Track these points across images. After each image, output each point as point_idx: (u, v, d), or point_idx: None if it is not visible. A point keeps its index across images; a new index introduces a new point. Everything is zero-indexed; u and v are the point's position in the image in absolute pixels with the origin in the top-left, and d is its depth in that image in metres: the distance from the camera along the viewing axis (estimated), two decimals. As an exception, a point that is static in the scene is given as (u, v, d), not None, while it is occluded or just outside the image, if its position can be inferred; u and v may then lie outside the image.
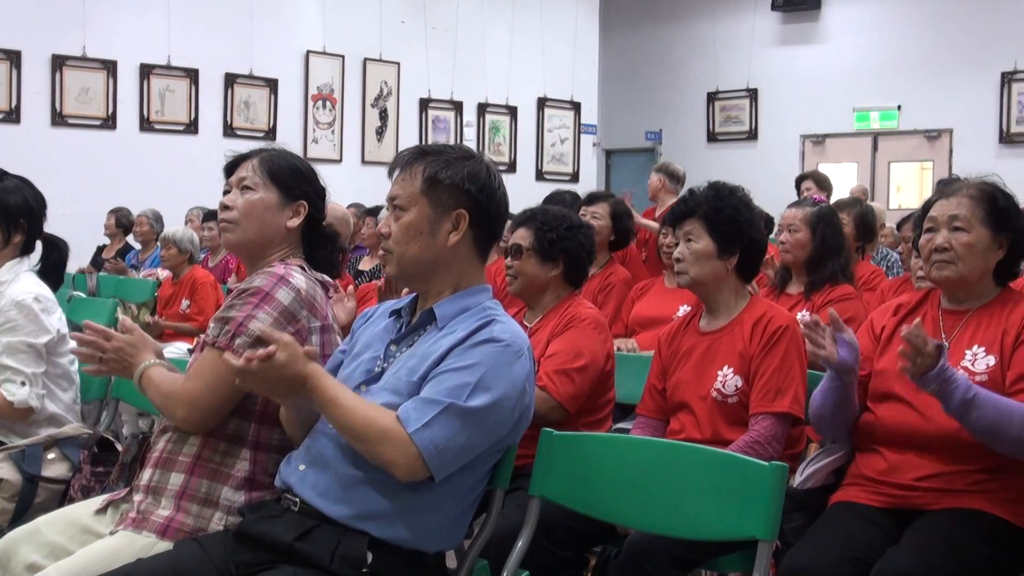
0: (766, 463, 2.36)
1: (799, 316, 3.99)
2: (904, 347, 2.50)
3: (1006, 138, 13.10)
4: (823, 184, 8.45)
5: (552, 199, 6.45)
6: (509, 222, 3.41)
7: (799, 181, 8.78)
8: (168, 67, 11.00)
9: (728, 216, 3.23)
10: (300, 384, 2.23)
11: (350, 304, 3.72)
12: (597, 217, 5.24)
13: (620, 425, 3.61)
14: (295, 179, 2.67)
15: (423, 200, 2.36)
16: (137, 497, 2.52)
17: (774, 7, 14.74)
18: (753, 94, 15.10)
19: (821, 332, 2.74)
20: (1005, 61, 12.96)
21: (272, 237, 2.65)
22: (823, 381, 2.86)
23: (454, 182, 2.36)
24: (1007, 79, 13.02)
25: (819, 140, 14.73)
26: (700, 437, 3.08)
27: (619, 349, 4.38)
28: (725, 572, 3.24)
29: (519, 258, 3.56)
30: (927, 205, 2.93)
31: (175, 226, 7.53)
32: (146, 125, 10.96)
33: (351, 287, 4.04)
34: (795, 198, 5.78)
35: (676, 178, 7.83)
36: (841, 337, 2.74)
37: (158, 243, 7.73)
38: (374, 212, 7.19)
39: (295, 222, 2.65)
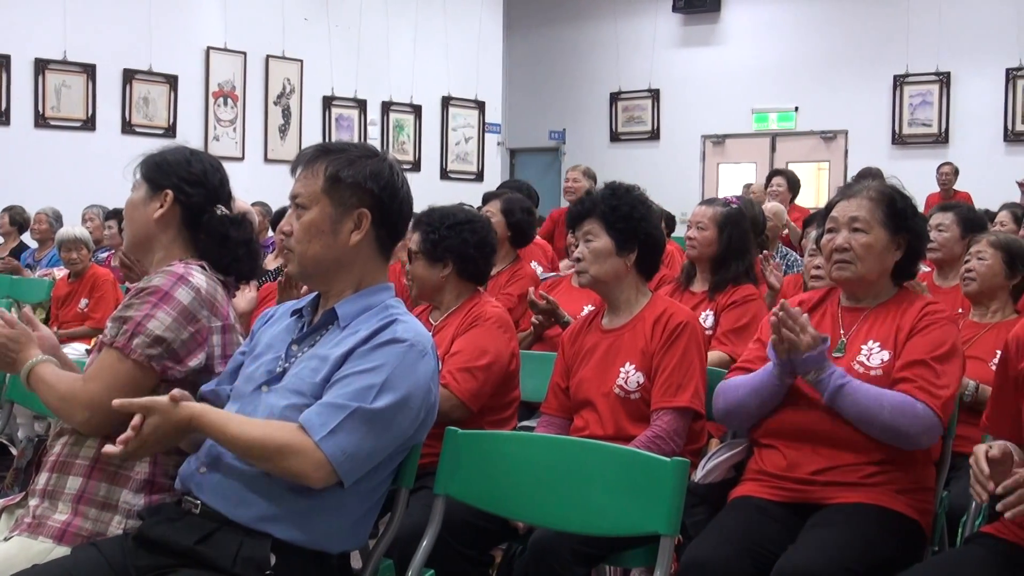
0: (668, 459, 2.39)
1: (701, 317, 4.06)
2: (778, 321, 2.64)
3: (898, 139, 13.46)
4: (793, 184, 8.87)
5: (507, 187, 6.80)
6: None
7: (769, 177, 8.98)
8: (64, 62, 10.71)
9: (624, 213, 3.27)
10: (185, 429, 2.22)
11: (250, 294, 3.68)
12: (490, 214, 5.25)
13: (525, 423, 3.63)
14: (159, 171, 2.64)
15: (325, 199, 2.34)
16: (33, 502, 2.46)
17: (675, 9, 14.94)
18: (655, 95, 15.28)
19: (797, 325, 2.73)
20: (897, 65, 13.31)
21: (146, 233, 2.64)
22: (759, 374, 2.89)
23: (356, 181, 2.34)
24: (899, 82, 13.38)
25: (719, 140, 14.96)
26: (603, 434, 3.11)
27: (536, 299, 4.37)
28: (629, 567, 3.28)
29: (411, 262, 3.58)
30: (830, 205, 3.02)
31: (72, 226, 7.31)
32: (41, 121, 10.66)
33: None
34: (698, 197, 5.84)
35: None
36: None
37: (55, 243, 7.51)
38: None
39: (159, 213, 2.61)
